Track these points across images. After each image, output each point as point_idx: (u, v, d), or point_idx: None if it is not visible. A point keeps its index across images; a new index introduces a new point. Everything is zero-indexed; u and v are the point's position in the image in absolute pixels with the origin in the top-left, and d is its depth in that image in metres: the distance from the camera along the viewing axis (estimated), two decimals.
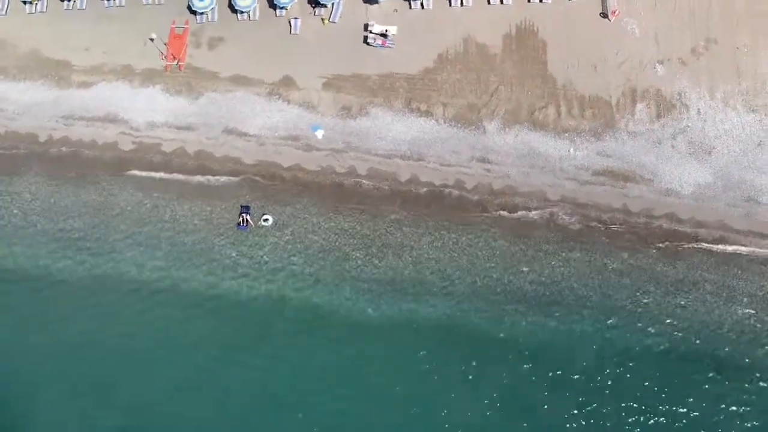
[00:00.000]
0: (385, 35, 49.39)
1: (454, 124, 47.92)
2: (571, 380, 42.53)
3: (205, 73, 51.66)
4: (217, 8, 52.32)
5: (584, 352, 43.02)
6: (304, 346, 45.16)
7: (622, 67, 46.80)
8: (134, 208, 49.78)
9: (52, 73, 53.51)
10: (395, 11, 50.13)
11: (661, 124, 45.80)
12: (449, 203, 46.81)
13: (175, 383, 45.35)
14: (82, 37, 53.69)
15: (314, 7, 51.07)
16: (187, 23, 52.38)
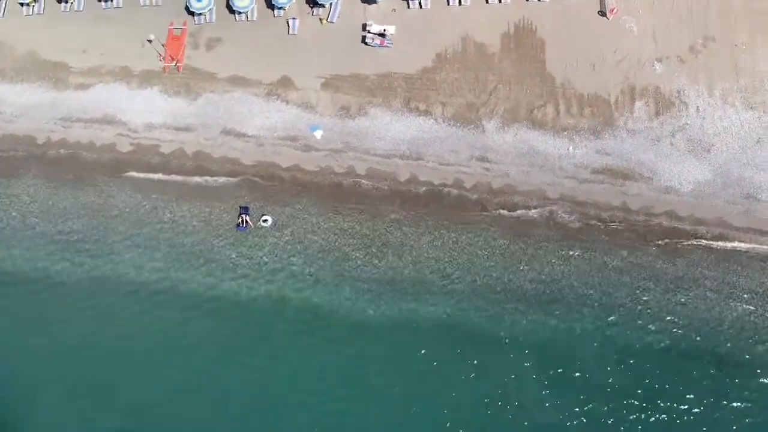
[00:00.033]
0: (383, 35, 49.40)
1: (452, 123, 47.93)
2: (571, 378, 42.52)
3: (203, 74, 51.57)
4: (214, 9, 52.24)
5: (585, 350, 43.06)
6: (304, 346, 45.04)
7: (620, 65, 46.91)
8: (133, 209, 49.59)
9: (49, 74, 53.27)
10: (393, 11, 50.16)
11: (659, 121, 45.92)
12: (448, 202, 46.78)
13: (174, 384, 45.19)
14: (79, 38, 53.53)
15: (312, 7, 51.06)
16: (185, 24, 52.32)
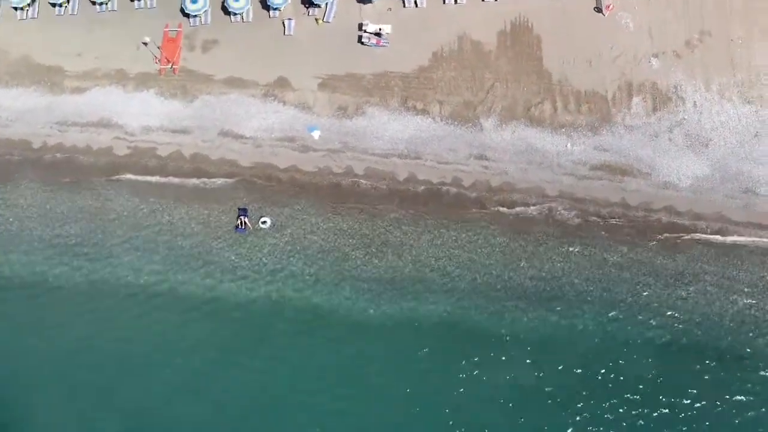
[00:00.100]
0: (379, 34, 49.39)
1: (450, 121, 47.90)
2: (573, 374, 42.40)
3: (199, 75, 51.48)
4: (210, 10, 52.24)
5: (586, 346, 42.95)
6: (304, 346, 44.87)
7: (617, 61, 46.94)
8: (130, 212, 49.42)
9: (44, 79, 53.18)
10: (389, 10, 50.15)
11: (657, 117, 45.93)
12: (447, 201, 46.71)
13: (174, 386, 44.98)
14: (74, 42, 53.49)
15: (308, 7, 51.04)
16: (180, 26, 52.26)
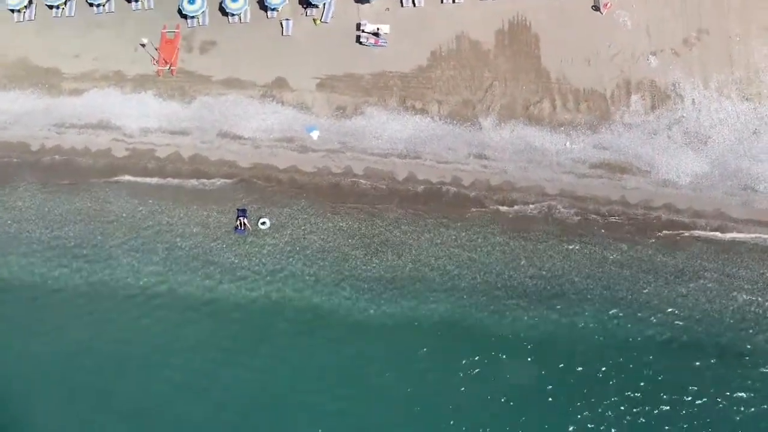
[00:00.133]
0: (377, 34, 49.38)
1: (449, 121, 47.88)
2: (574, 372, 42.36)
3: (197, 77, 51.44)
4: (207, 11, 52.23)
5: (587, 344, 42.89)
6: (304, 346, 44.79)
7: (615, 59, 46.97)
8: (129, 214, 49.35)
9: (42, 81, 53.12)
10: (387, 10, 50.14)
11: (656, 115, 45.94)
12: (447, 200, 46.70)
13: (174, 387, 44.82)
14: (71, 44, 53.48)
15: (306, 7, 51.01)
16: (178, 27, 52.23)
